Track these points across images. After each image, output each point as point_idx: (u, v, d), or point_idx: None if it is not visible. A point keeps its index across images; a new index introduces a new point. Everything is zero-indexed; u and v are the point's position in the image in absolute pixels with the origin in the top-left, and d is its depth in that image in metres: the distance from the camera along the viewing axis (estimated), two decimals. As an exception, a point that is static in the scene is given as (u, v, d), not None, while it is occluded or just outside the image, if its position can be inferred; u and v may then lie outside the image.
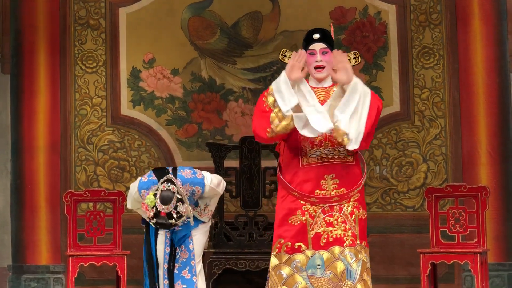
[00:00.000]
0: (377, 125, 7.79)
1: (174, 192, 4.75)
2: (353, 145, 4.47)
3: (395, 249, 7.64)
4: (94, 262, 6.78)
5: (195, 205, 5.07)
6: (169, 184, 4.78)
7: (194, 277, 4.96)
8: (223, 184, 5.17)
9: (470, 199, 6.70)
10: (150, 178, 5.02)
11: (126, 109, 8.07)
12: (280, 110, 4.42)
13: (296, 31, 7.98)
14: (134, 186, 5.09)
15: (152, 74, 8.07)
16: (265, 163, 7.18)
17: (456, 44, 7.67)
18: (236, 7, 8.04)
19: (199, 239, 5.08)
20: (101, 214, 7.02)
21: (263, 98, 4.54)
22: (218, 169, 7.06)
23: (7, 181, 7.97)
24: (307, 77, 4.72)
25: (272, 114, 4.44)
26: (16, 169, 7.84)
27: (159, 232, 5.09)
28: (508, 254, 7.34)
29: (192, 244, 4.99)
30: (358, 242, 4.48)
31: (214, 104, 8.04)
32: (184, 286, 4.94)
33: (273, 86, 4.52)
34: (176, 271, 4.94)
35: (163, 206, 4.73)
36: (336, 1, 7.94)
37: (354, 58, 4.82)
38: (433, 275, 6.65)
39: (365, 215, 4.53)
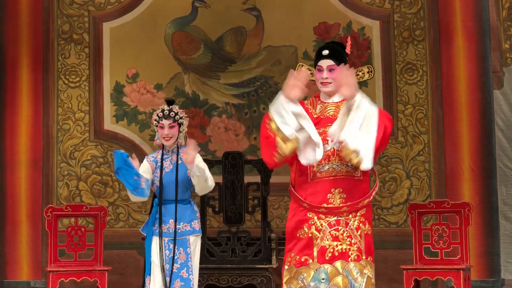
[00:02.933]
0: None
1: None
2: (366, 164, 4.48)
3: (379, 265, 7.52)
4: (75, 278, 6.72)
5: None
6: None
7: (191, 276, 5.58)
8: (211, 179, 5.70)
9: (453, 215, 6.70)
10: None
11: (109, 124, 8.04)
12: (283, 133, 4.47)
13: (279, 46, 8.00)
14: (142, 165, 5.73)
15: (135, 89, 8.05)
16: (248, 179, 7.14)
17: (439, 61, 7.70)
18: (220, 22, 8.05)
19: (194, 245, 5.71)
20: (83, 229, 6.96)
21: (266, 125, 4.58)
22: (201, 185, 7.01)
23: (-11, 196, 7.92)
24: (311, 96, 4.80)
25: (277, 139, 4.49)
26: (-3, 184, 7.79)
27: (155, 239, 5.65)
28: (491, 270, 7.34)
29: (190, 248, 5.61)
30: (364, 257, 4.53)
31: (198, 119, 8.03)
32: (182, 283, 5.56)
33: (272, 111, 4.55)
34: (175, 271, 5.55)
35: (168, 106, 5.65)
36: (320, 16, 7.96)
37: (368, 72, 4.91)
38: (416, 291, 6.64)
39: (371, 231, 4.57)
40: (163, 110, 5.67)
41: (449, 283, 7.23)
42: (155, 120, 5.67)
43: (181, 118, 5.69)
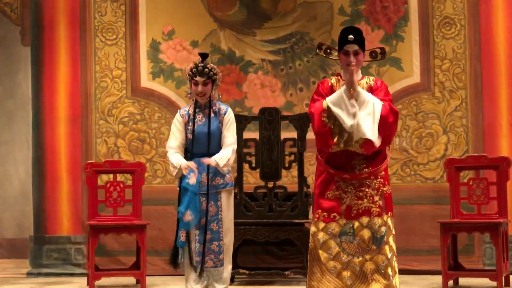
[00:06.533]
0: (397, 96, 7.77)
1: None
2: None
3: (415, 220, 7.62)
4: (114, 233, 6.83)
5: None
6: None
7: (221, 229, 5.69)
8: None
9: (491, 170, 6.66)
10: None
11: (146, 81, 8.09)
12: (344, 125, 4.98)
13: (315, 2, 7.94)
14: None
15: (171, 46, 8.07)
16: (284, 134, 7.17)
17: (478, 14, 7.58)
18: (256, -22, 8.01)
19: (226, 198, 5.80)
20: (121, 185, 7.06)
21: (321, 118, 5.01)
22: (237, 141, 7.04)
23: (29, 153, 8.04)
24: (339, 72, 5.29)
25: (334, 130, 5.00)
26: (37, 141, 7.91)
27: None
28: (529, 225, 7.29)
29: (220, 201, 5.72)
30: (384, 213, 5.04)
31: (234, 76, 8.03)
32: (212, 236, 5.68)
33: (330, 103, 4.99)
34: (202, 224, 5.65)
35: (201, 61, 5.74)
36: (357, -29, 7.88)
37: (381, 53, 5.21)
38: (453, 247, 6.64)
39: (390, 190, 5.10)
40: (197, 66, 5.76)
41: (486, 239, 7.22)
42: (189, 75, 5.78)
43: (215, 74, 5.80)
